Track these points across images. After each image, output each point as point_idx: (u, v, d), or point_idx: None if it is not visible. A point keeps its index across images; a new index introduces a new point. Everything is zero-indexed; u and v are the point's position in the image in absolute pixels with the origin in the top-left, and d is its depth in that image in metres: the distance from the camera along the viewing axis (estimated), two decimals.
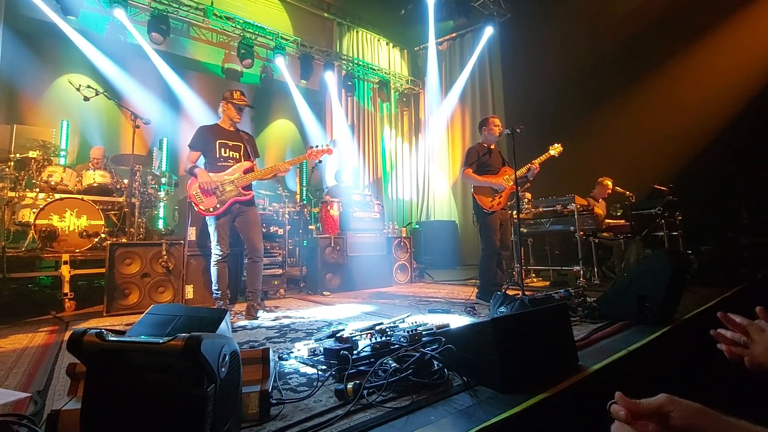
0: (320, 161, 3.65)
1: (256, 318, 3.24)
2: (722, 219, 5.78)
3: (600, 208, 5.40)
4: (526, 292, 3.28)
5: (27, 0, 5.63)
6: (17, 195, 4.18)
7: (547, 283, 5.25)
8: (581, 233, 4.77)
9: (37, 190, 4.25)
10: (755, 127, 5.78)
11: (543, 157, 3.88)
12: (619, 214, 5.66)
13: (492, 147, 3.96)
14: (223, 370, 1.04)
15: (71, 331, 1.00)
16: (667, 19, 6.55)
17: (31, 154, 4.35)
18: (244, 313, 3.33)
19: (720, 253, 4.52)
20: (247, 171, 3.36)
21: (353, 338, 1.98)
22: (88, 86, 4.10)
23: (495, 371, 1.51)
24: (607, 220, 5.44)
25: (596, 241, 4.95)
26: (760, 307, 0.83)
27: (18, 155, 4.33)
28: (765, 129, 5.69)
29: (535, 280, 5.49)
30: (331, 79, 8.48)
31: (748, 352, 0.80)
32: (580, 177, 6.14)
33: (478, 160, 3.86)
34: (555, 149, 3.95)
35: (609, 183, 5.53)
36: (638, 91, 6.79)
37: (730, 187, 5.95)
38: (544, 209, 5.16)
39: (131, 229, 4.32)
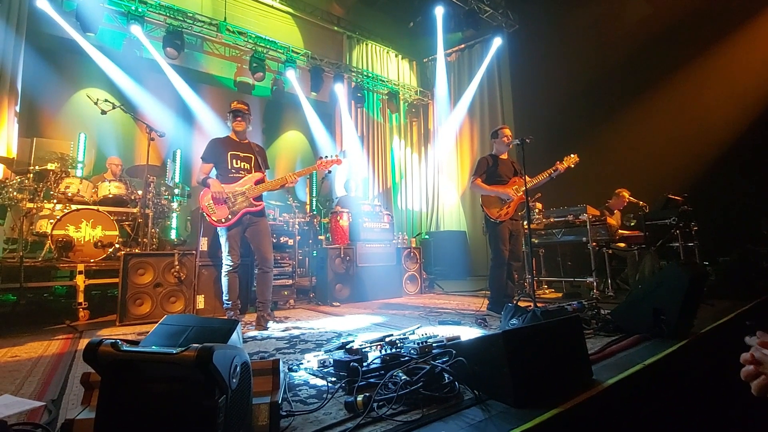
0: (330, 171, 3.68)
1: (266, 328, 3.25)
2: (740, 229, 5.65)
3: (613, 219, 5.32)
4: (538, 304, 3.23)
5: (48, 17, 5.85)
6: (35, 206, 4.28)
7: (560, 294, 5.17)
8: (594, 244, 4.70)
9: (55, 201, 4.35)
10: None
11: (564, 165, 3.81)
12: (632, 224, 5.57)
13: (503, 157, 3.95)
14: (234, 381, 1.04)
15: (86, 341, 1.02)
16: (677, 26, 6.51)
17: (50, 166, 4.45)
18: (254, 323, 3.34)
19: (738, 264, 4.42)
20: (258, 182, 3.40)
21: (363, 350, 1.97)
22: (106, 100, 4.22)
23: (507, 385, 1.49)
24: (620, 231, 5.36)
25: (610, 252, 4.87)
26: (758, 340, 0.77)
27: (37, 167, 4.44)
28: None
29: (547, 291, 5.41)
30: (340, 90, 8.59)
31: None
32: (592, 187, 6.07)
33: (488, 170, 3.85)
34: (568, 160, 3.86)
35: (626, 194, 5.45)
36: (649, 100, 6.73)
37: (748, 196, 5.82)
38: (556, 219, 5.11)
39: (144, 240, 4.39)
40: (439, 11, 8.51)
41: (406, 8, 9.22)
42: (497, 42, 8.53)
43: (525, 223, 3.89)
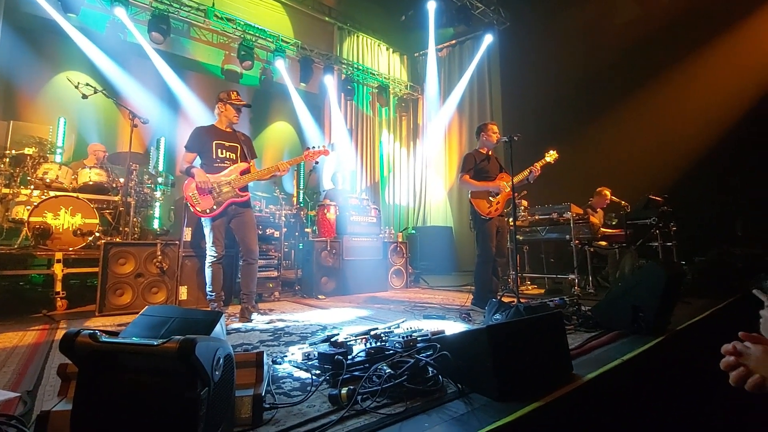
0: (317, 162, 3.65)
1: (250, 320, 3.22)
2: (716, 230, 5.83)
3: (596, 218, 5.42)
4: (521, 300, 3.28)
5: None
6: (11, 192, 4.14)
7: (542, 291, 5.26)
8: (577, 242, 4.78)
9: (32, 187, 4.22)
10: (751, 137, 5.84)
11: (542, 162, 3.88)
12: (614, 223, 5.69)
13: (489, 153, 3.97)
14: (217, 373, 1.03)
15: (63, 331, 0.99)
16: (665, 29, 6.62)
17: (27, 150, 4.31)
18: (238, 315, 3.31)
19: (713, 264, 4.56)
20: (243, 172, 3.35)
21: (348, 343, 1.97)
22: (87, 84, 4.09)
23: (490, 379, 1.51)
24: (602, 230, 5.47)
25: (591, 250, 4.97)
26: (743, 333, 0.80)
27: (14, 152, 4.29)
28: (761, 140, 5.76)
29: (530, 287, 5.49)
30: (330, 82, 8.50)
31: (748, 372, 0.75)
32: (576, 185, 6.17)
33: (476, 167, 3.87)
34: (550, 156, 3.94)
35: (607, 193, 5.55)
36: (635, 100, 6.85)
37: (724, 199, 6.00)
38: (540, 217, 5.18)
39: (126, 229, 4.29)
40: (431, 6, 8.47)
41: (398, 1, 9.16)
42: (488, 39, 8.55)
43: (510, 219, 3.94)
